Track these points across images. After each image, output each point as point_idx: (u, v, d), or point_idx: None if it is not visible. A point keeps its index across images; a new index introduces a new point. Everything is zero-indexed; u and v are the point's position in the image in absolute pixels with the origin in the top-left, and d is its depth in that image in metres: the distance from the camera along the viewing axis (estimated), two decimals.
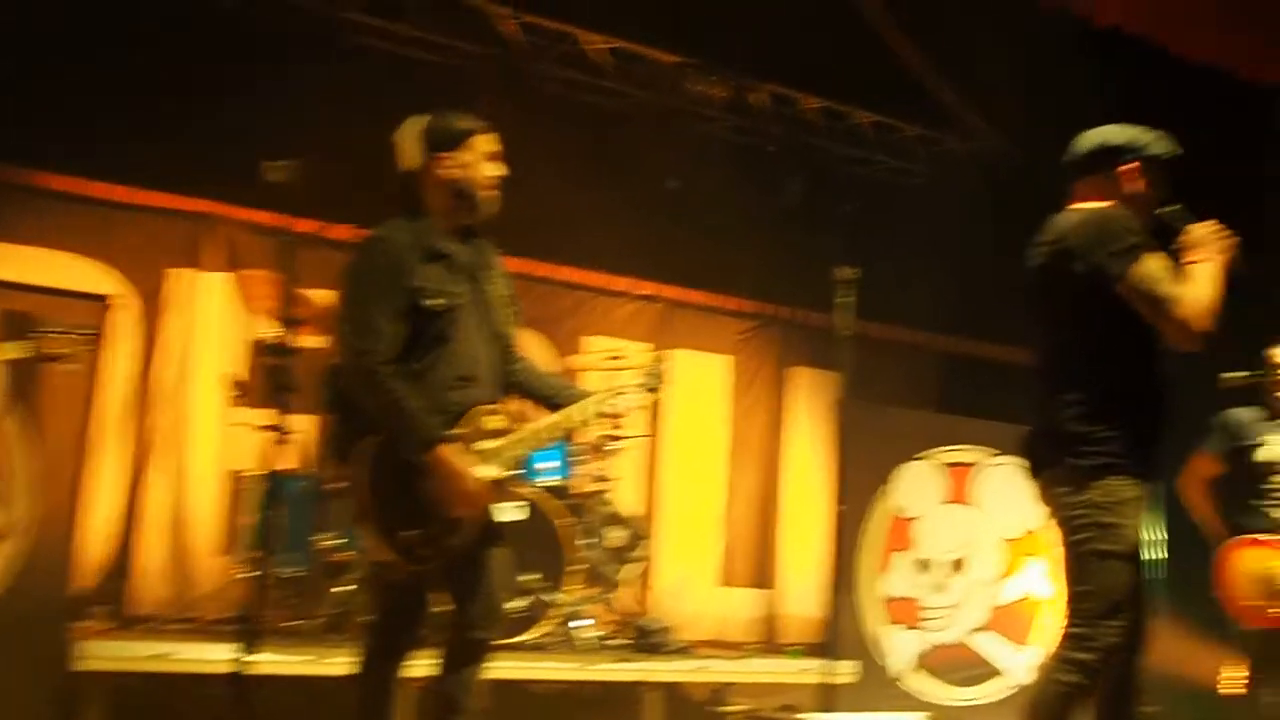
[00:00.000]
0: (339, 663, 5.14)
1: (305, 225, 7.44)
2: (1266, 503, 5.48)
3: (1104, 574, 3.51)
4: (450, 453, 3.52)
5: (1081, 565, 3.56)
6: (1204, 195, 3.82)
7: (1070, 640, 3.54)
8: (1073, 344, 3.68)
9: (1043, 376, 3.74)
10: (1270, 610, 5.35)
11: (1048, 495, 3.69)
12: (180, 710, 5.59)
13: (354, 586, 6.04)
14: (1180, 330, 3.47)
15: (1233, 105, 8.40)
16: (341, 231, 7.60)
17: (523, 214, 4.09)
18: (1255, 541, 5.44)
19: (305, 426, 7.08)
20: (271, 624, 5.92)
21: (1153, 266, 3.50)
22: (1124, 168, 3.73)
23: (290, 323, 3.56)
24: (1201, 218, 3.68)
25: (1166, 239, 3.65)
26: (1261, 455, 5.51)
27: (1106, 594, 3.50)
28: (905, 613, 7.45)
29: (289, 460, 6.61)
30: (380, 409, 3.54)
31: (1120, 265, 3.50)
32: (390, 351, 3.55)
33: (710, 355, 9.17)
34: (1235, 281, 3.57)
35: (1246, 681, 5.52)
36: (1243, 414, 5.64)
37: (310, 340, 6.74)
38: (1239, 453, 5.59)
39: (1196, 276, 3.52)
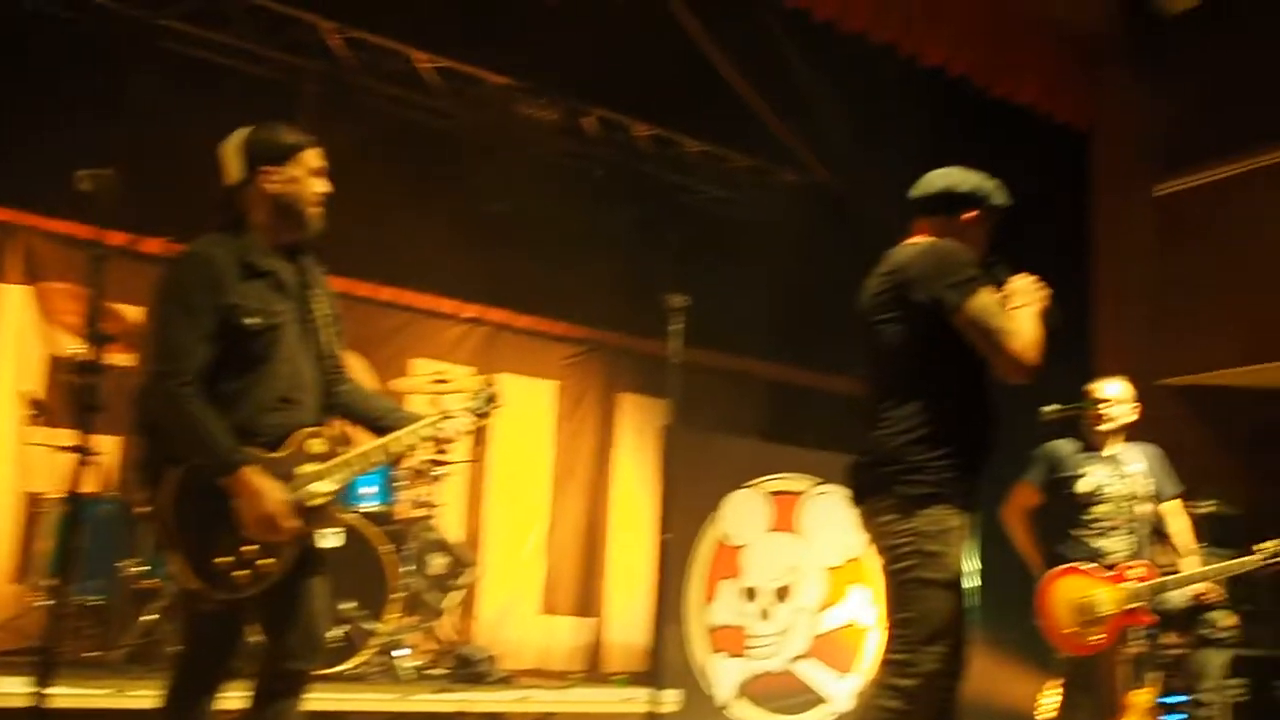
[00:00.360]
0: (144, 695, 4.92)
1: (117, 238, 7.17)
2: (1086, 533, 5.63)
3: (926, 601, 3.54)
4: (251, 474, 3.37)
5: (904, 592, 3.59)
6: (1025, 236, 3.96)
7: (891, 666, 3.56)
8: (905, 373, 3.71)
9: (873, 405, 3.76)
10: (1088, 638, 5.48)
11: (871, 523, 3.71)
12: None
13: (158, 616, 5.80)
14: (1012, 363, 3.55)
15: (1051, 147, 8.73)
16: (154, 245, 7.33)
17: (347, 232, 3.97)
18: (1075, 570, 5.57)
19: (110, 448, 6.81)
20: (71, 654, 5.65)
21: (989, 300, 3.59)
22: (966, 214, 3.84)
23: (96, 339, 3.37)
24: (1019, 269, 3.81)
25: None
26: (1081, 487, 5.65)
27: (928, 621, 3.53)
28: (731, 641, 7.46)
29: (92, 483, 6.32)
30: (179, 430, 3.37)
31: (958, 296, 3.57)
32: (195, 372, 3.38)
33: (536, 380, 9.10)
34: (1047, 331, 3.67)
35: (1059, 706, 5.65)
36: (1063, 446, 5.79)
37: (119, 358, 6.46)
38: (1059, 484, 5.73)
39: (1022, 318, 3.62)
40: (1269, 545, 5.62)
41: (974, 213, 3.84)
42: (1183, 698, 6.50)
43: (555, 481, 9.08)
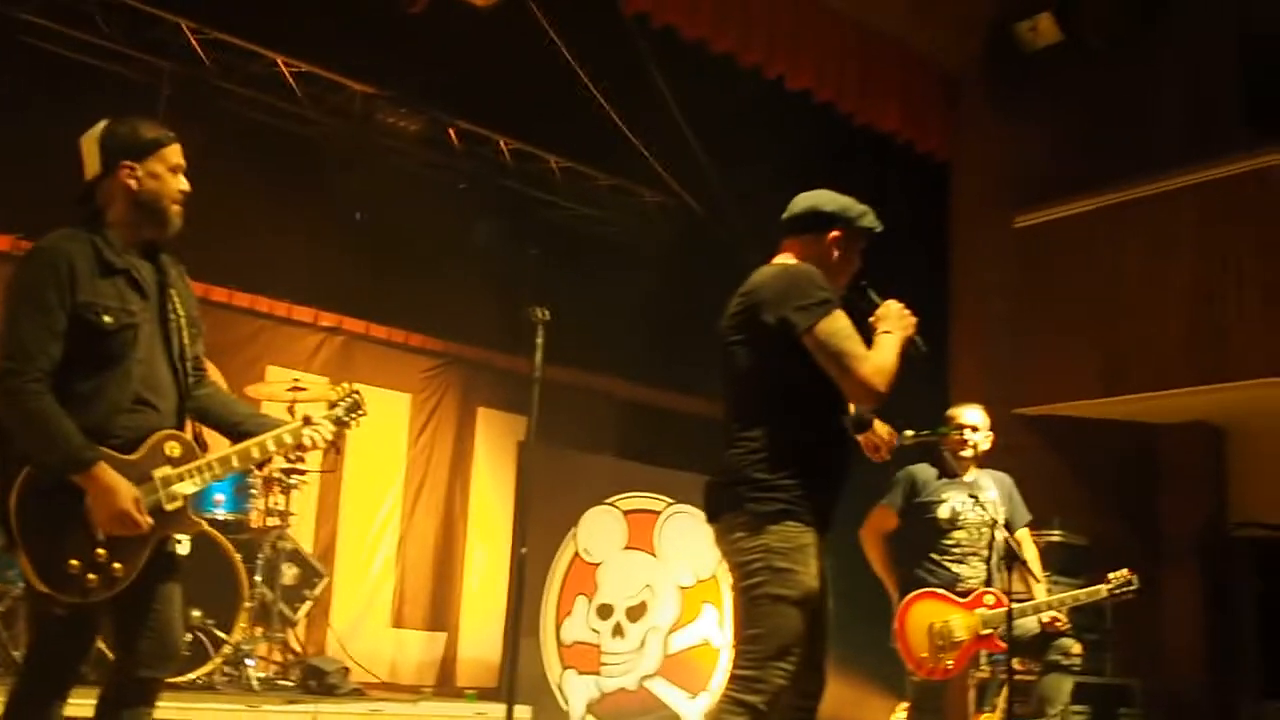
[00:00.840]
0: None
1: None
2: (944, 558, 5.70)
3: (775, 618, 3.55)
4: (103, 471, 3.30)
5: (753, 609, 3.60)
6: (889, 264, 4.04)
7: (738, 682, 3.56)
8: (757, 393, 3.75)
9: (727, 424, 3.80)
10: (942, 662, 5.54)
11: (723, 540, 3.73)
12: None
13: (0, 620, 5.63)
14: (859, 388, 3.61)
15: (915, 177, 8.93)
16: (3, 242, 7.13)
17: (205, 236, 3.92)
18: (932, 595, 5.63)
19: None
20: None
21: (839, 324, 3.63)
22: (831, 235, 3.87)
23: None
24: (887, 295, 3.87)
25: (857, 310, 3.80)
26: (941, 512, 5.73)
27: (776, 637, 3.54)
28: (584, 658, 7.50)
29: None
30: (27, 429, 3.28)
31: (807, 319, 3.61)
32: (45, 370, 3.29)
33: (392, 392, 9.03)
34: (912, 357, 3.73)
35: None
36: (922, 471, 5.85)
37: None
38: (918, 508, 5.78)
39: (881, 344, 3.68)
40: (1119, 575, 5.80)
41: (838, 232, 3.87)
42: None
43: (409, 494, 9.02)
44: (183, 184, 3.60)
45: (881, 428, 4.12)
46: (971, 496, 5.70)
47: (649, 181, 9.65)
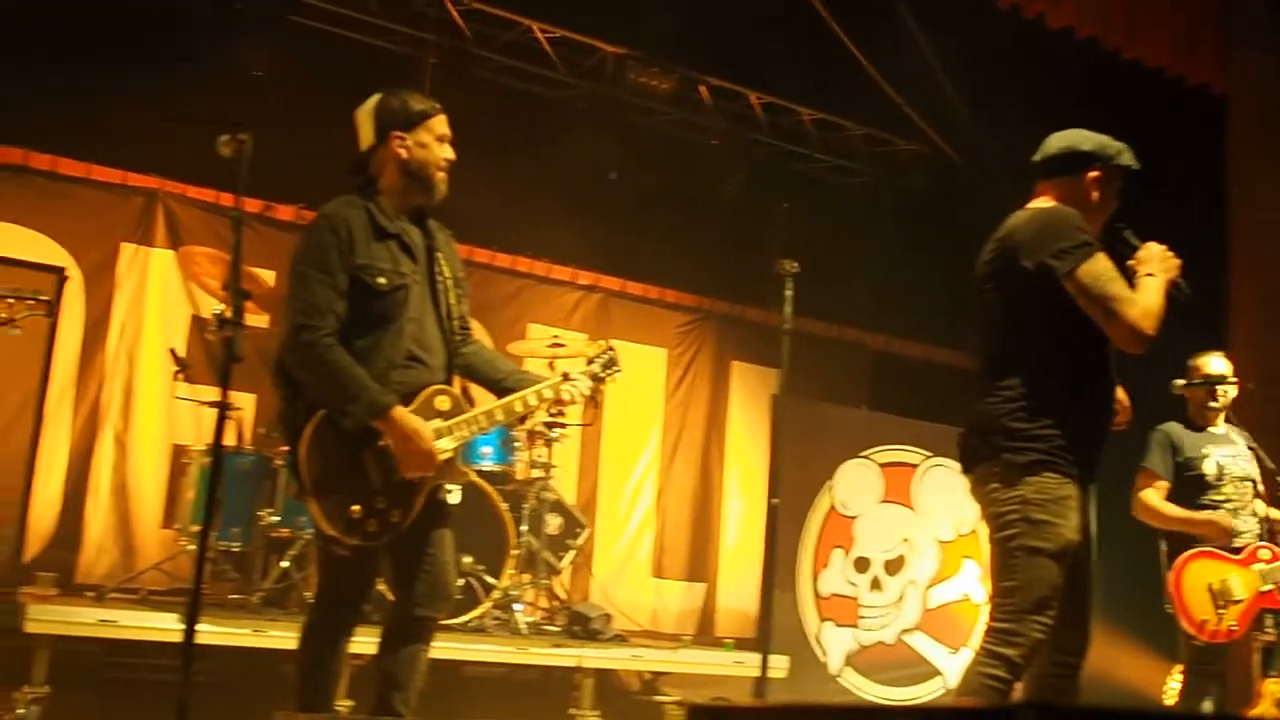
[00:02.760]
0: (281, 635, 5.17)
1: (251, 204, 7.46)
2: (1218, 514, 5.43)
3: (1032, 570, 3.50)
4: (403, 414, 3.54)
5: (1009, 560, 3.55)
6: (1158, 206, 3.87)
7: (995, 635, 3.53)
8: (1015, 341, 3.67)
9: (983, 373, 3.73)
10: (1225, 624, 5.31)
11: (979, 491, 3.68)
12: (123, 675, 5.60)
13: (289, 564, 6.05)
14: (1126, 331, 3.49)
15: (1183, 111, 8.49)
16: (287, 212, 7.58)
17: (466, 199, 4.10)
18: (1207, 554, 5.38)
19: (248, 403, 7.09)
20: (215, 597, 5.93)
21: (1102, 266, 3.52)
22: (1090, 175, 3.75)
23: (235, 299, 3.54)
24: (1160, 239, 3.72)
25: (1115, 254, 3.66)
26: (1207, 468, 5.48)
27: (1033, 590, 3.49)
28: (841, 610, 7.52)
29: (232, 436, 6.60)
30: (322, 381, 3.53)
31: (1069, 262, 3.51)
32: (333, 326, 3.54)
33: (648, 348, 9.20)
34: (1175, 301, 3.61)
35: (1182, 692, 5.54)
36: (1176, 427, 5.60)
37: (254, 319, 6.73)
38: (1180, 467, 5.53)
39: (1146, 286, 3.56)
40: None
41: (1096, 172, 3.74)
42: None
43: (666, 448, 9.18)
44: (448, 152, 3.80)
45: (1123, 396, 3.91)
46: (1230, 450, 5.48)
47: (903, 130, 9.50)
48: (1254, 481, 5.53)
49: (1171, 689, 7.73)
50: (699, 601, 9.07)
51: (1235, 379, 5.65)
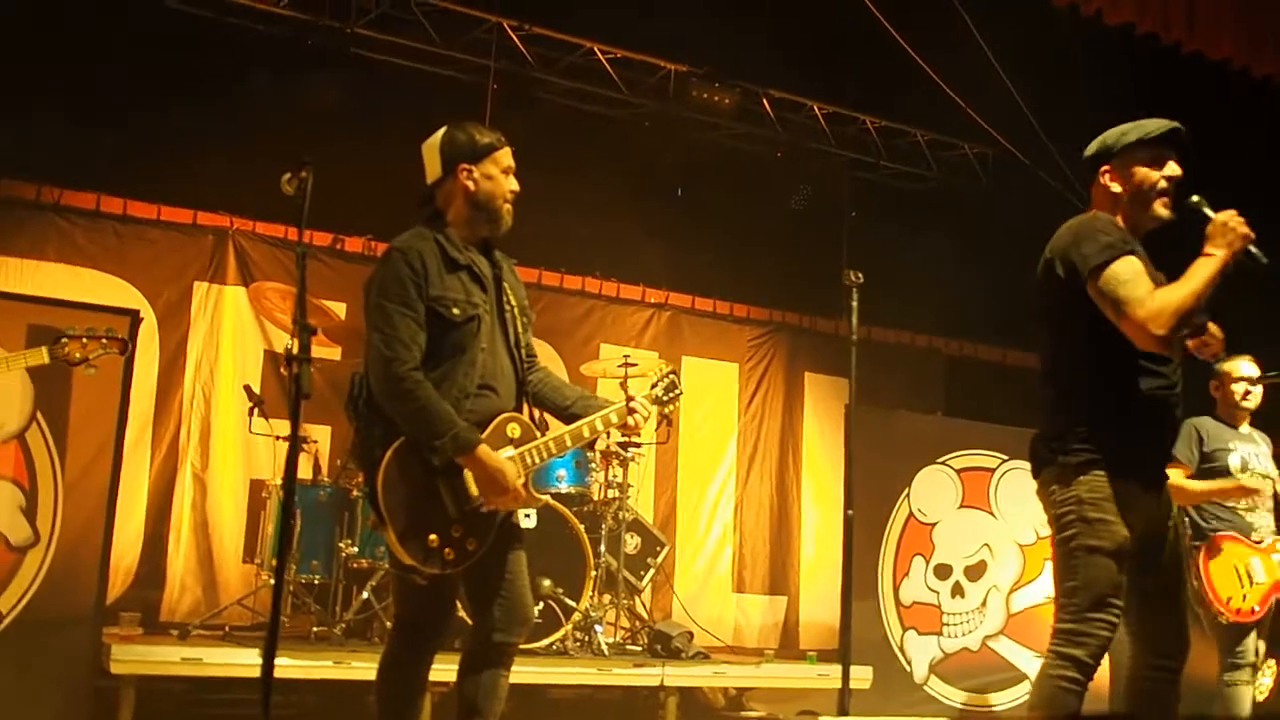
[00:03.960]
0: (363, 666, 5.23)
1: (320, 238, 7.56)
2: (1239, 506, 5.65)
3: (1090, 569, 3.52)
4: (487, 453, 3.57)
5: (1069, 561, 3.58)
6: (1221, 194, 3.80)
7: (1061, 636, 3.55)
8: (1060, 345, 3.75)
9: (1043, 378, 3.81)
10: (1249, 603, 5.52)
11: (1042, 494, 3.73)
12: (209, 713, 5.69)
13: (369, 594, 6.12)
14: (1136, 333, 3.49)
15: (1249, 103, 8.36)
16: (355, 244, 7.68)
17: (534, 223, 4.13)
18: (1232, 538, 5.62)
19: (323, 435, 7.19)
20: (296, 630, 6.00)
21: (1119, 269, 3.52)
22: (1103, 171, 3.77)
23: (308, 329, 3.59)
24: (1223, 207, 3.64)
25: (1196, 227, 3.61)
26: (1233, 461, 5.64)
27: (1092, 589, 3.51)
28: (924, 618, 7.45)
29: (306, 470, 6.69)
30: (411, 416, 3.56)
31: (1087, 269, 3.56)
32: (418, 360, 3.59)
33: (720, 363, 9.20)
34: (1249, 271, 3.52)
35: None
36: (1205, 421, 5.76)
37: (326, 350, 6.83)
38: (1205, 458, 5.69)
39: (1187, 276, 3.51)
40: None
41: (1107, 166, 3.75)
42: None
43: (742, 462, 9.17)
44: (513, 184, 3.84)
45: (1216, 330, 3.96)
46: (1255, 448, 5.69)
47: (968, 134, 9.43)
48: (1274, 480, 5.74)
49: (1264, 684, 7.61)
50: (780, 615, 9.04)
51: (1250, 380, 5.78)
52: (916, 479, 7.57)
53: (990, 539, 7.71)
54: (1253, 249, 3.53)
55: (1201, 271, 3.50)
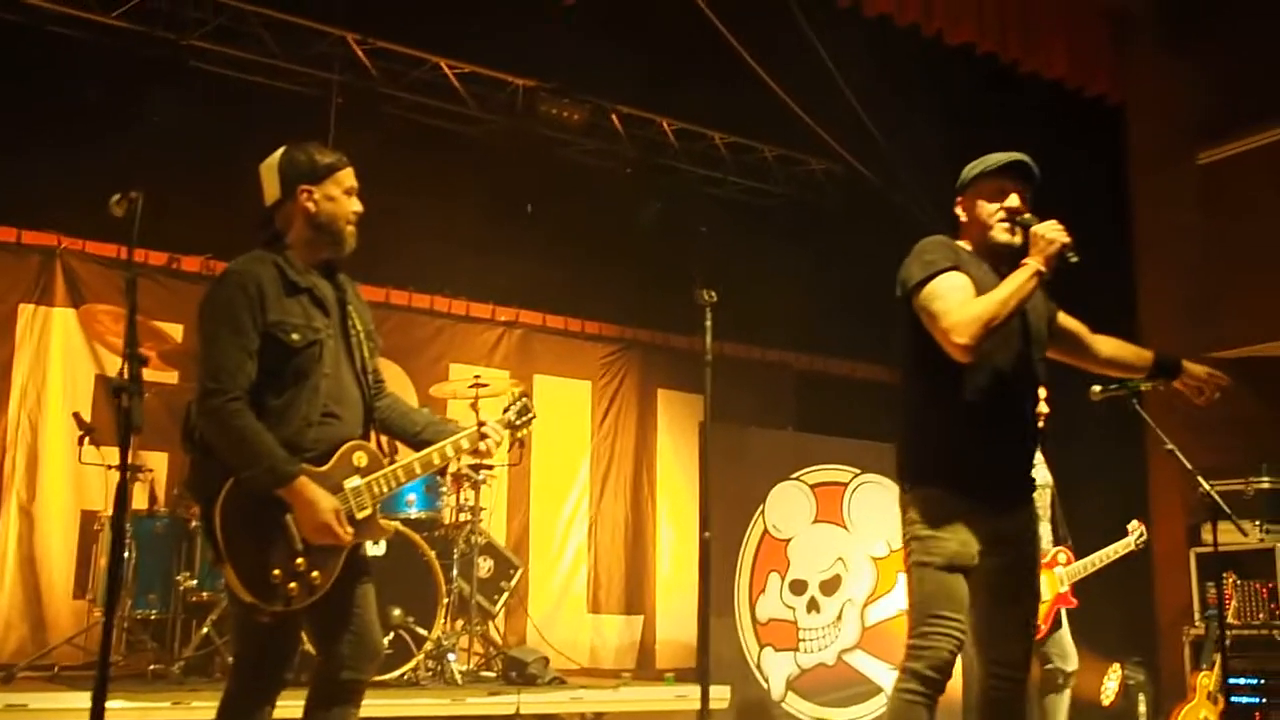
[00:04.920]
0: (202, 706, 5.01)
1: (157, 258, 7.28)
2: None
3: (923, 584, 3.60)
4: (305, 485, 3.42)
5: (909, 576, 3.68)
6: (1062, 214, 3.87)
7: (907, 650, 3.61)
8: (904, 363, 3.83)
9: (900, 394, 3.89)
10: None
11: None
12: None
13: (210, 629, 5.90)
14: (943, 343, 3.56)
15: (1084, 120, 8.63)
16: (193, 263, 7.42)
17: (380, 241, 4.01)
18: None
19: (159, 463, 6.91)
20: (131, 668, 5.75)
21: (936, 285, 3.61)
22: (959, 202, 3.87)
23: (138, 358, 3.41)
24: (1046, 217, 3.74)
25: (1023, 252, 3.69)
26: None
27: (927, 603, 3.58)
28: (781, 634, 7.47)
29: (143, 499, 6.41)
30: (229, 446, 3.40)
31: (911, 287, 3.65)
32: (244, 389, 3.42)
33: (572, 381, 9.14)
34: (1064, 271, 3.60)
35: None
36: None
37: (163, 374, 6.56)
38: None
39: (1000, 286, 3.58)
40: (1136, 525, 6.14)
41: (960, 199, 3.85)
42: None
43: (596, 481, 9.11)
44: (356, 205, 3.71)
45: (1195, 369, 4.01)
46: None
47: (816, 150, 9.52)
48: (1051, 489, 5.87)
49: (1109, 689, 7.80)
50: (637, 635, 8.99)
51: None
52: (771, 495, 7.60)
53: (844, 553, 7.77)
54: (1068, 252, 3.59)
55: (1012, 282, 3.58)
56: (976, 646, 3.77)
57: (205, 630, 5.90)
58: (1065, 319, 4.00)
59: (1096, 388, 5.66)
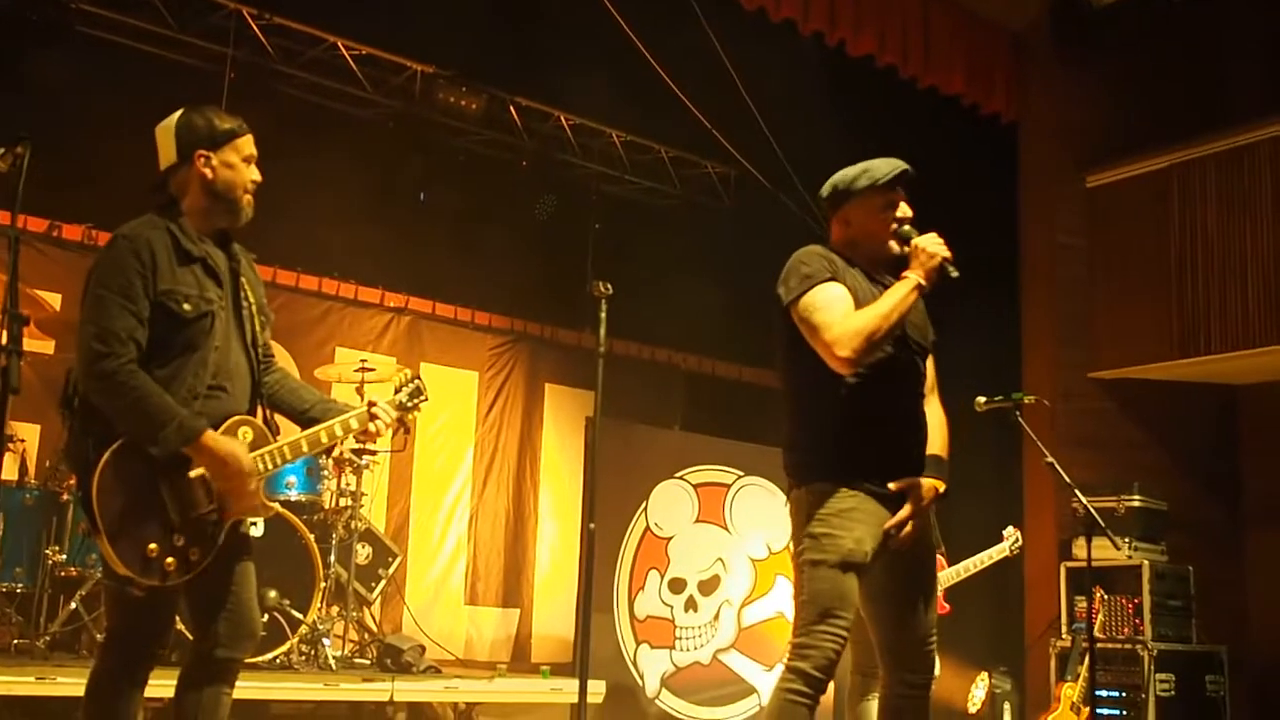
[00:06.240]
0: (68, 682, 4.88)
1: (35, 223, 7.07)
2: None
3: (814, 582, 3.57)
4: (215, 438, 3.34)
5: (799, 575, 3.64)
6: (954, 226, 3.93)
7: (792, 650, 3.58)
8: (787, 369, 3.81)
9: (783, 398, 3.87)
10: None
11: (789, 511, 3.78)
12: None
13: (78, 605, 5.75)
14: (825, 356, 3.58)
15: (981, 138, 8.80)
16: (75, 232, 7.23)
17: (271, 220, 3.92)
18: None
19: (31, 434, 6.71)
20: None
21: (814, 297, 3.61)
22: (839, 212, 3.82)
23: (19, 319, 3.30)
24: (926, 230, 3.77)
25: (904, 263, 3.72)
26: None
27: (817, 601, 3.54)
28: (658, 632, 7.49)
29: (12, 471, 6.22)
30: (127, 410, 3.30)
31: (787, 298, 3.66)
32: (132, 355, 3.33)
33: (459, 371, 9.07)
34: (944, 285, 3.65)
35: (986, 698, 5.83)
36: None
37: (38, 344, 6.37)
38: None
39: (881, 299, 3.61)
40: (1011, 531, 6.29)
41: (840, 208, 3.82)
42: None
43: (479, 472, 9.06)
44: (255, 174, 3.62)
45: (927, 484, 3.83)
46: None
47: (712, 152, 9.58)
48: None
49: (977, 696, 7.97)
50: (513, 628, 8.96)
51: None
52: (654, 493, 7.62)
53: (724, 554, 7.82)
54: (948, 266, 3.64)
55: (893, 295, 3.61)
56: (879, 652, 3.77)
57: (73, 605, 5.74)
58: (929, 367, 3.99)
59: (981, 398, 5.75)
